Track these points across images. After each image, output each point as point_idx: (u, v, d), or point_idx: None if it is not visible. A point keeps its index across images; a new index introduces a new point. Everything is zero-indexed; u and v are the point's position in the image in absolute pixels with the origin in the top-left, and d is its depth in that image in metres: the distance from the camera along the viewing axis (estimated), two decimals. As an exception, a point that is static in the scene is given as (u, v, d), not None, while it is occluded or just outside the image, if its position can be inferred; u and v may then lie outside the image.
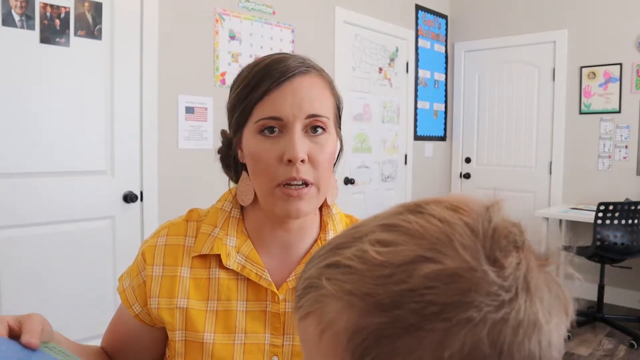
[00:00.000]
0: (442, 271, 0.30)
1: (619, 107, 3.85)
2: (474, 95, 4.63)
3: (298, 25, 3.23)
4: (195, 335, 0.74)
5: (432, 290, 0.30)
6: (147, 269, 0.78)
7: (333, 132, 0.75)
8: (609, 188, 3.89)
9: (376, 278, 0.31)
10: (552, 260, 0.35)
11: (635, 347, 3.03)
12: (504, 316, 0.30)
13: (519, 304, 0.30)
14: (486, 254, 0.31)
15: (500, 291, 0.30)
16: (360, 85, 3.77)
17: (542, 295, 0.32)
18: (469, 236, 0.32)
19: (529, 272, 0.32)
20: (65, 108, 2.24)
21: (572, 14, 4.03)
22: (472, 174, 4.67)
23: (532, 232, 0.36)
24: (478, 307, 0.30)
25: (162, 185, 2.58)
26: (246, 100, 0.72)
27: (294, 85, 0.71)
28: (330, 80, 0.78)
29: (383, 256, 0.32)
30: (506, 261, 0.31)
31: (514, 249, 0.32)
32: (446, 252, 0.31)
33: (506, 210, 0.36)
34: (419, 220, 0.34)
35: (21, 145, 2.12)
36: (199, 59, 2.72)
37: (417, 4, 4.28)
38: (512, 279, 0.31)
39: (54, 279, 2.23)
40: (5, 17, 2.04)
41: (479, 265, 0.31)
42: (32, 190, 2.15)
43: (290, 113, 0.70)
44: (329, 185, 0.76)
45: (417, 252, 0.32)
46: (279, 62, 0.73)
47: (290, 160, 0.69)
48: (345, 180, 3.65)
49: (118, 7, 2.37)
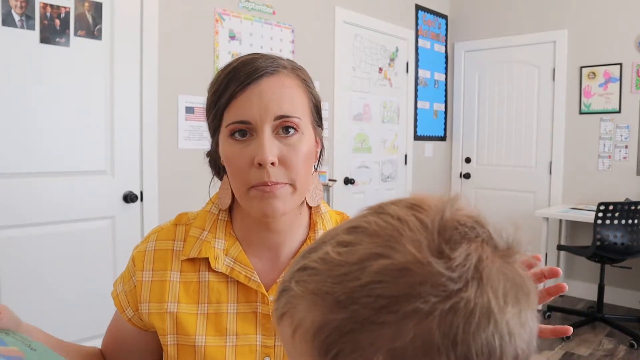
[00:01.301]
0: (391, 265, 0.31)
1: (619, 107, 3.85)
2: (474, 95, 4.63)
3: (298, 25, 3.23)
4: (187, 339, 0.74)
5: (381, 284, 0.31)
6: (137, 274, 0.78)
7: (308, 131, 0.74)
8: (609, 188, 3.89)
9: (335, 277, 0.33)
10: (514, 250, 0.35)
11: (635, 347, 3.03)
12: (452, 306, 0.30)
13: (468, 294, 0.31)
14: (433, 246, 0.32)
15: (448, 282, 0.31)
16: (360, 85, 3.77)
17: (495, 285, 0.32)
18: (419, 231, 0.33)
19: (481, 263, 0.32)
20: (65, 108, 2.24)
21: (572, 14, 4.03)
22: (472, 174, 4.67)
23: (512, 226, 0.36)
24: (425, 298, 0.30)
25: (162, 185, 2.58)
26: (216, 105, 0.72)
27: (260, 87, 0.70)
28: (306, 79, 0.76)
29: (342, 256, 0.34)
30: (454, 253, 0.32)
31: (464, 241, 0.33)
32: (396, 248, 0.32)
33: (463, 204, 0.36)
34: (377, 220, 0.35)
35: (21, 145, 2.12)
36: (199, 59, 2.72)
37: (417, 4, 4.28)
38: (460, 270, 0.31)
39: (54, 279, 2.23)
40: (5, 17, 2.04)
41: (425, 258, 0.31)
42: (32, 190, 2.15)
43: (257, 116, 0.69)
44: (307, 184, 0.75)
45: (371, 249, 0.33)
46: (246, 64, 0.71)
47: (260, 164, 0.68)
48: (345, 180, 3.65)
49: (118, 7, 2.37)
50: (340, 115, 3.58)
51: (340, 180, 3.60)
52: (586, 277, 4.04)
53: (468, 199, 0.37)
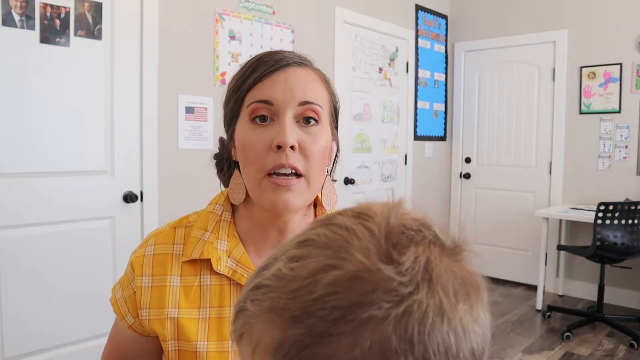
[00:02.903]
0: (343, 276, 0.32)
1: (619, 107, 3.85)
2: (474, 95, 4.63)
3: (298, 25, 3.23)
4: (188, 345, 0.72)
5: (335, 296, 0.31)
6: (137, 280, 0.76)
7: (327, 125, 0.74)
8: (609, 188, 3.89)
9: (289, 293, 0.33)
10: (461, 249, 0.36)
11: (635, 347, 3.03)
12: (406, 309, 0.31)
13: (420, 295, 0.31)
14: (381, 253, 0.32)
15: (399, 286, 0.31)
16: (360, 85, 3.77)
17: (445, 284, 0.32)
18: (367, 239, 0.33)
19: (429, 264, 0.33)
20: (65, 108, 2.24)
21: (572, 14, 4.03)
22: (472, 174, 4.67)
23: (454, 223, 0.37)
24: (378, 304, 0.30)
25: (162, 185, 2.58)
26: (240, 89, 0.72)
27: (287, 73, 0.71)
28: (327, 79, 0.77)
29: (294, 271, 0.33)
30: (402, 257, 0.32)
31: (412, 244, 0.33)
32: (346, 257, 0.32)
33: (408, 208, 0.36)
34: (325, 232, 0.35)
35: (21, 145, 2.12)
36: (199, 59, 2.72)
37: (417, 4, 4.28)
38: (410, 274, 0.32)
39: (54, 279, 2.23)
40: (5, 17, 2.04)
41: (374, 265, 0.32)
42: (32, 190, 2.15)
43: (281, 98, 0.69)
44: (320, 181, 0.74)
45: (322, 261, 0.33)
46: (274, 53, 0.73)
47: (279, 147, 0.67)
48: (345, 180, 3.65)
49: (118, 7, 2.37)
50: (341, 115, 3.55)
51: (340, 180, 3.60)
52: (586, 277, 4.04)
53: (413, 202, 0.38)
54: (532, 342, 3.17)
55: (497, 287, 4.33)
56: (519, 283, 4.41)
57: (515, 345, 3.12)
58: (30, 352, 2.16)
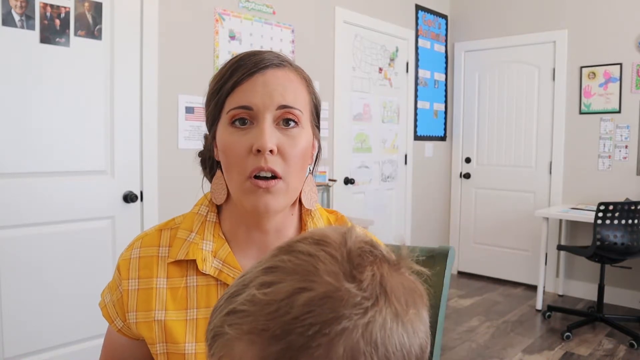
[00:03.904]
0: (315, 296, 0.36)
1: (619, 107, 3.85)
2: (474, 95, 4.63)
3: (298, 25, 3.23)
4: (176, 347, 0.72)
5: (310, 314, 0.36)
6: (123, 284, 0.76)
7: (307, 127, 0.74)
8: (609, 188, 3.89)
9: (266, 315, 0.37)
10: (403, 262, 0.42)
11: (635, 347, 3.03)
12: (370, 319, 0.36)
13: (379, 306, 0.37)
14: (345, 274, 0.38)
15: (363, 300, 0.37)
16: (360, 85, 3.77)
17: (398, 294, 0.39)
18: (331, 263, 0.39)
19: (384, 279, 0.39)
20: (65, 108, 2.24)
21: (572, 14, 4.03)
22: (472, 174, 4.67)
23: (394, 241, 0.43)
24: (348, 317, 0.36)
25: (162, 185, 2.58)
26: (219, 92, 0.72)
27: (266, 76, 0.71)
28: (308, 79, 0.77)
29: (268, 296, 0.38)
30: (362, 276, 0.38)
31: (368, 264, 0.39)
32: (315, 280, 0.37)
33: (359, 231, 0.43)
34: (291, 259, 0.40)
35: (21, 145, 2.12)
36: (199, 59, 2.72)
37: (417, 4, 4.28)
38: (370, 289, 0.38)
39: (54, 279, 2.23)
40: (5, 17, 2.04)
41: (341, 285, 0.37)
42: (32, 190, 2.15)
43: (260, 103, 0.69)
44: (299, 182, 0.75)
45: (294, 285, 0.37)
46: (253, 55, 0.73)
47: (259, 150, 0.68)
48: (345, 180, 3.65)
49: (118, 7, 2.37)
50: (340, 115, 3.58)
51: (340, 180, 3.60)
52: (586, 277, 4.04)
53: (359, 226, 0.45)
54: (532, 342, 3.17)
55: (497, 287, 4.34)
56: (519, 283, 4.41)
57: (515, 345, 3.12)
58: (30, 352, 2.16)
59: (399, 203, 4.19)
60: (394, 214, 4.15)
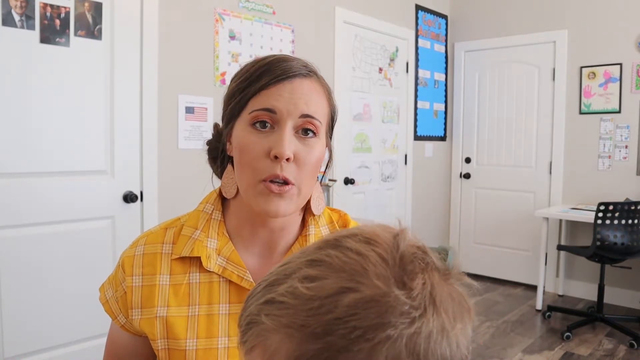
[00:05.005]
0: (361, 299, 0.35)
1: (619, 107, 3.85)
2: (474, 95, 4.63)
3: (298, 25, 3.23)
4: (177, 343, 0.73)
5: (355, 317, 0.35)
6: (127, 280, 0.77)
7: (324, 138, 0.76)
8: (609, 188, 3.89)
9: (307, 311, 0.36)
10: (453, 273, 0.41)
11: (635, 347, 3.03)
12: (416, 330, 0.35)
13: (427, 317, 0.36)
14: (396, 279, 0.37)
15: (411, 310, 0.36)
16: (360, 85, 3.77)
17: (446, 307, 0.38)
18: (382, 265, 0.37)
19: (434, 289, 0.38)
20: (65, 108, 2.24)
21: (572, 14, 4.03)
22: (472, 174, 4.67)
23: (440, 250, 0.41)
24: (394, 325, 0.35)
25: (162, 185, 2.58)
26: (244, 91, 0.73)
27: (293, 84, 0.72)
28: (329, 90, 0.78)
29: (311, 291, 0.37)
30: (413, 283, 0.37)
31: (419, 271, 0.38)
32: (363, 282, 0.36)
33: (410, 235, 0.41)
34: (338, 255, 0.38)
35: (21, 145, 2.12)
36: (199, 59, 2.72)
37: (417, 4, 4.28)
38: (420, 298, 0.36)
39: (54, 279, 2.23)
40: (5, 17, 2.04)
41: (390, 290, 0.36)
42: (32, 190, 2.15)
43: (284, 108, 0.70)
44: (311, 190, 0.76)
45: (340, 284, 0.36)
46: (282, 61, 0.74)
47: (276, 157, 0.69)
48: (345, 180, 3.65)
49: (118, 7, 2.37)
50: (340, 115, 3.54)
51: (340, 180, 3.60)
52: (586, 277, 4.04)
53: (412, 230, 0.42)
54: (532, 342, 3.17)
55: (497, 287, 4.34)
56: (519, 283, 4.41)
57: (515, 345, 3.12)
58: (30, 352, 2.16)
59: (399, 203, 4.20)
60: (394, 214, 4.15)
